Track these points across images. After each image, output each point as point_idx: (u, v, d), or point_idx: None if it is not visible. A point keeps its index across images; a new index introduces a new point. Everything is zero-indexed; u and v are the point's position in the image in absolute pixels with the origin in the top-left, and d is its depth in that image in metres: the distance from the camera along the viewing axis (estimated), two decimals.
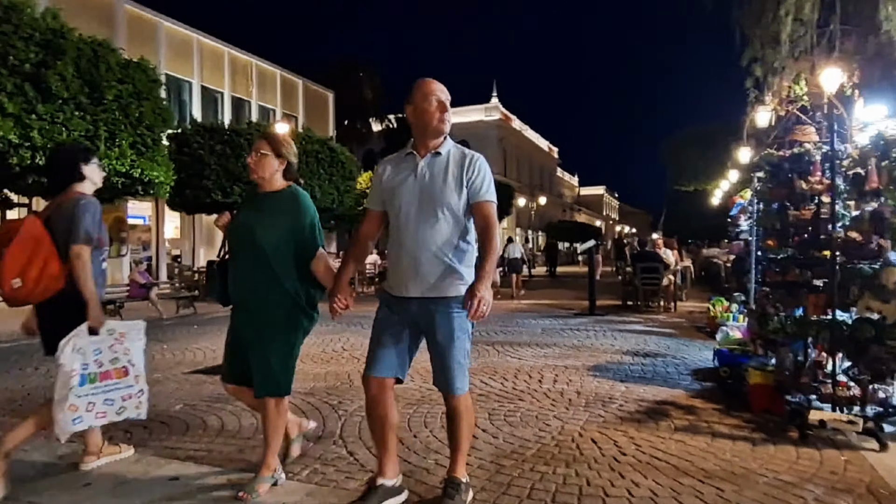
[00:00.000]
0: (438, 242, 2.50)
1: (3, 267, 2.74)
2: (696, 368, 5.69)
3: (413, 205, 2.53)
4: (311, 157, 11.81)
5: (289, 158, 2.91)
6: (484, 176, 2.57)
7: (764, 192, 4.47)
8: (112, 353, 2.98)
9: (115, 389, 2.98)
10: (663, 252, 11.72)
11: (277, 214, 2.80)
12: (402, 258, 2.56)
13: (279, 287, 2.77)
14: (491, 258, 2.48)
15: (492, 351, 6.76)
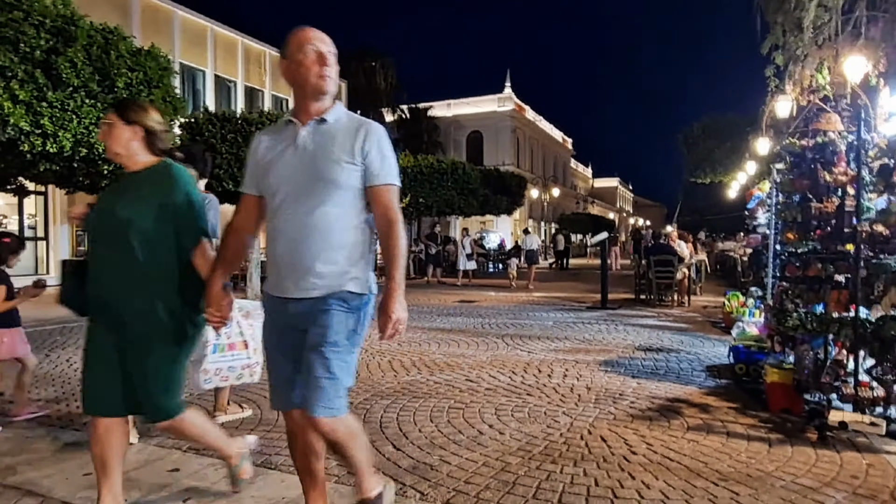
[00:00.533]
0: (323, 230, 1.99)
1: None
2: (711, 365, 5.55)
3: (291, 184, 2.02)
4: None
5: (146, 125, 2.34)
6: (382, 151, 2.05)
7: (785, 183, 4.30)
8: (238, 328, 3.51)
9: (237, 359, 3.54)
10: (677, 245, 11.50)
11: (145, 196, 2.26)
12: (280, 250, 2.05)
13: (152, 287, 2.24)
14: (398, 262, 2.01)
15: (501, 344, 6.66)
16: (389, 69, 34.21)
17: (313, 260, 2.00)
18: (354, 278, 2.05)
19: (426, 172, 19.85)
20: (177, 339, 2.32)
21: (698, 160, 22.33)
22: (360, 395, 4.44)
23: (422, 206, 20.05)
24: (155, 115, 2.43)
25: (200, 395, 4.26)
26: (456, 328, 7.95)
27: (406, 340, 6.91)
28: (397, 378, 5.00)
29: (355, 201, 2.05)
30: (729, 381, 4.89)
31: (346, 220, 2.03)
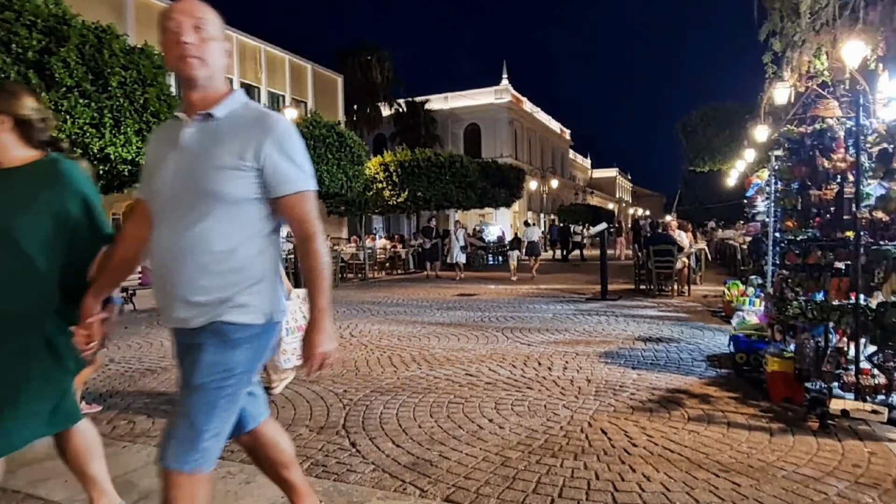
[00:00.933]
0: (198, 253, 1.65)
1: None
2: (711, 354, 5.54)
3: (168, 195, 1.70)
4: (319, 141, 11.67)
5: (14, 113, 2.00)
6: (287, 152, 1.69)
7: (783, 170, 4.27)
8: (301, 312, 4.10)
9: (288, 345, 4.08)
10: (677, 234, 11.46)
11: (24, 198, 1.96)
12: (154, 273, 1.75)
13: (38, 298, 1.98)
14: (320, 284, 1.69)
15: (501, 337, 6.65)
16: (386, 63, 34.09)
17: (184, 288, 1.67)
18: (239, 306, 1.68)
19: (424, 166, 19.80)
20: (63, 357, 2.04)
21: (697, 149, 22.28)
22: (359, 391, 4.43)
23: (420, 201, 20.02)
24: (28, 102, 2.05)
25: None
26: (455, 322, 7.94)
27: (406, 335, 6.90)
28: (397, 373, 4.98)
29: (249, 216, 1.70)
30: (729, 371, 4.87)
31: (233, 239, 1.67)
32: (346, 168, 12.30)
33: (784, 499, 2.53)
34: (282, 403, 4.13)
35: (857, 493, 2.58)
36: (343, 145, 12.30)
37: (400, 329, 7.40)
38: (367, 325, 7.85)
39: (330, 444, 3.28)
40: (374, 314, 8.91)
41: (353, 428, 3.56)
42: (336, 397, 4.26)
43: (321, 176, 11.66)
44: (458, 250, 15.55)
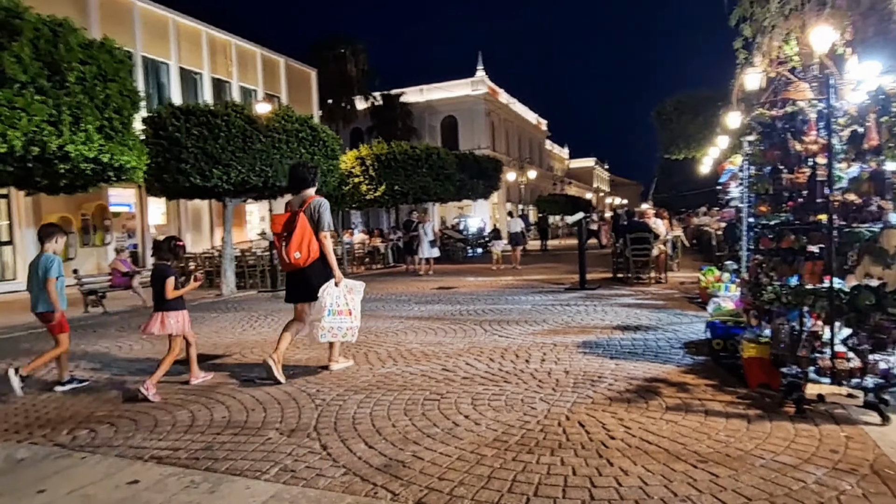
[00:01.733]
0: None
1: (291, 245, 4.50)
2: (689, 341, 5.53)
3: None
4: (292, 136, 11.42)
5: None
6: None
7: (756, 154, 4.24)
8: (344, 299, 4.74)
9: (343, 322, 4.73)
10: (653, 222, 11.50)
11: None
12: None
13: None
14: None
15: (479, 330, 6.57)
16: (360, 56, 33.70)
17: None
18: None
19: (400, 159, 19.60)
20: None
21: (672, 136, 22.43)
22: (333, 390, 4.31)
23: (397, 194, 19.82)
24: None
25: None
26: (433, 316, 7.84)
27: (383, 331, 6.78)
28: (373, 370, 4.87)
29: None
30: (707, 358, 4.86)
31: None
32: (320, 162, 12.06)
33: (762, 488, 2.48)
34: (252, 406, 3.99)
35: (835, 479, 2.55)
36: (317, 140, 12.06)
37: (377, 324, 7.27)
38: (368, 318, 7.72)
39: (300, 448, 3.16)
40: None
41: (324, 429, 3.44)
42: (308, 398, 4.14)
43: None
44: (426, 245, 14.70)
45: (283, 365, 4.75)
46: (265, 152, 11.05)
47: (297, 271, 4.63)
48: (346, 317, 4.72)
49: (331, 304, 4.62)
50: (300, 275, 4.64)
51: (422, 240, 14.75)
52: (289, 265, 4.60)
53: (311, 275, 4.62)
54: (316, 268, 4.62)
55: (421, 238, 14.77)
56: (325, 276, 4.67)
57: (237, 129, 10.83)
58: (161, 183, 11.23)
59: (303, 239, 4.50)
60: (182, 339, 4.64)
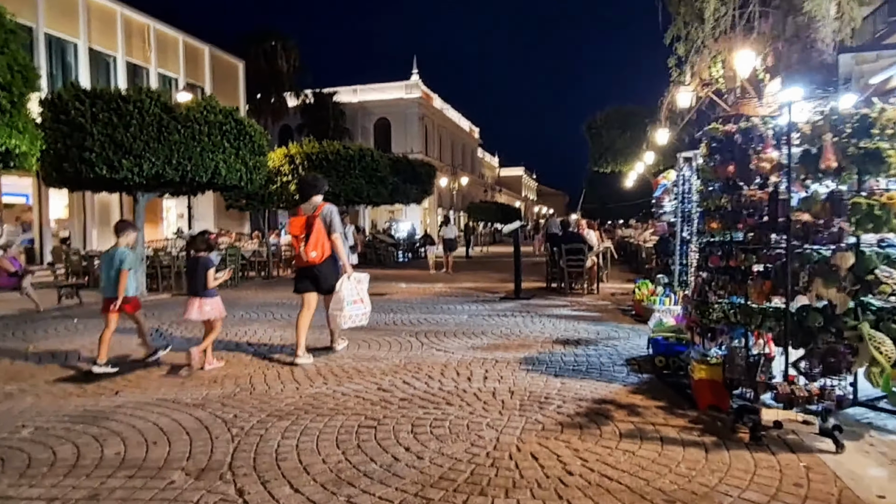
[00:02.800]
0: None
1: (308, 245, 5.17)
2: (630, 357, 5.41)
3: None
4: (215, 128, 10.58)
5: None
6: None
7: (705, 170, 4.15)
8: (357, 290, 5.37)
9: (358, 310, 5.35)
10: (586, 233, 11.59)
11: None
12: None
13: None
14: None
15: (415, 343, 6.20)
16: (292, 51, 32.51)
17: None
18: None
19: (332, 159, 18.95)
20: None
21: (601, 150, 23.05)
22: (253, 415, 3.81)
23: (329, 195, 19.11)
24: None
25: None
26: (365, 327, 7.39)
27: (310, 343, 6.26)
28: (299, 391, 4.39)
29: None
30: (651, 376, 4.73)
31: None
32: (245, 158, 11.29)
33: None
34: (154, 437, 3.42)
35: None
36: (242, 133, 11.27)
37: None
38: (268, 330, 7.12)
39: (210, 494, 2.67)
40: (276, 317, 8.16)
41: (241, 468, 2.95)
42: (224, 426, 3.61)
43: (216, 166, 10.61)
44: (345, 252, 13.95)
45: (196, 382, 4.17)
46: (183, 144, 10.16)
47: (312, 267, 5.34)
48: (360, 305, 5.41)
49: (348, 295, 5.29)
50: (314, 270, 5.37)
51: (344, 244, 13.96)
52: (305, 262, 5.32)
53: (324, 271, 5.38)
54: (328, 264, 5.39)
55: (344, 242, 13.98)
56: (335, 271, 5.42)
57: (152, 117, 9.90)
58: (61, 173, 10.09)
59: (318, 240, 5.26)
60: (221, 321, 5.36)
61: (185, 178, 10.49)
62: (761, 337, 4.21)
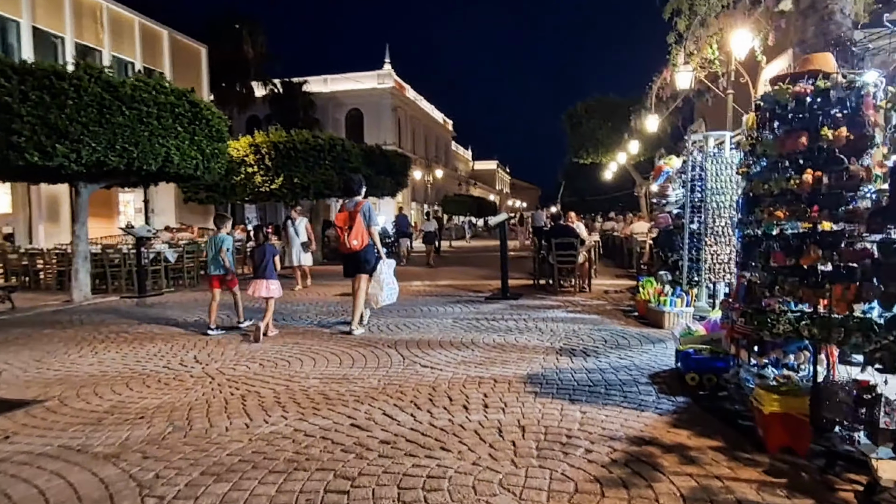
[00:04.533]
0: None
1: (351, 235, 6.20)
2: (653, 373, 4.56)
3: None
4: (166, 110, 9.40)
5: None
6: None
7: (767, 143, 3.31)
8: (389, 273, 6.57)
9: (393, 289, 6.61)
10: (576, 226, 10.78)
11: None
12: None
13: None
14: None
15: (395, 356, 5.25)
16: (259, 37, 30.97)
17: None
18: None
19: (301, 149, 17.73)
20: None
21: (582, 140, 22.32)
22: (183, 471, 2.82)
23: (297, 188, 17.94)
24: None
25: None
26: (336, 336, 6.42)
27: (270, 357, 5.28)
28: (249, 430, 3.41)
29: None
30: (686, 399, 3.89)
31: None
32: (201, 144, 10.14)
33: None
34: None
35: None
36: (199, 117, 10.11)
37: (263, 347, 5.75)
38: (220, 348, 6.08)
39: None
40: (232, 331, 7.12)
41: None
42: (137, 491, 2.62)
43: (168, 153, 9.45)
44: (297, 249, 11.12)
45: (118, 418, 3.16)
46: (129, 127, 8.98)
47: (354, 254, 6.33)
48: (393, 285, 6.60)
49: (386, 277, 6.45)
50: (356, 256, 6.34)
51: (291, 241, 11.18)
52: (349, 249, 6.29)
53: (364, 256, 6.36)
54: (367, 251, 6.38)
55: (290, 239, 11.19)
56: (372, 256, 6.42)
57: (91, 96, 8.69)
58: None
59: (360, 231, 6.24)
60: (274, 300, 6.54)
61: (132, 167, 9.31)
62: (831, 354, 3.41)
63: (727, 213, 6.38)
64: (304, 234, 11.34)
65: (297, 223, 11.42)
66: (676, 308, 6.35)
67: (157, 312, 8.35)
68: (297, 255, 11.22)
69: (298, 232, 11.28)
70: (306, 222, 11.71)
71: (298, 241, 11.19)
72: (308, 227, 11.59)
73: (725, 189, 6.34)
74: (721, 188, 6.34)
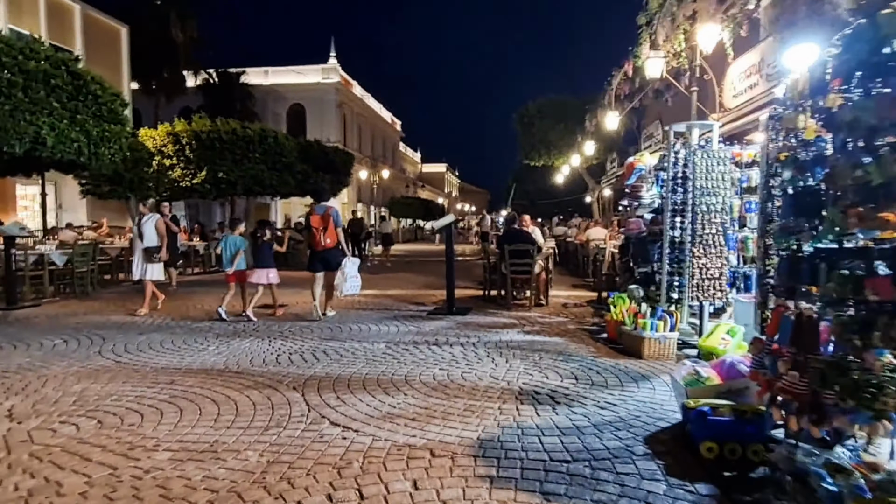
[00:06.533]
0: None
1: (326, 234, 7.19)
2: (650, 434, 3.32)
3: None
4: (37, 81, 7.59)
5: None
6: None
7: (864, 107, 2.12)
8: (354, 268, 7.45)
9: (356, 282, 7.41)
10: (532, 231, 9.58)
11: None
12: None
13: None
14: None
15: (298, 406, 3.82)
16: (189, 21, 28.56)
17: None
18: None
19: (227, 140, 15.91)
20: None
21: (533, 141, 21.38)
22: None
23: (223, 183, 16.09)
24: None
25: None
26: (216, 367, 4.91)
27: (121, 406, 3.74)
28: None
29: None
30: (709, 487, 2.65)
31: None
32: (87, 125, 8.34)
33: None
34: None
35: None
36: (82, 93, 8.32)
37: (121, 389, 4.19)
38: (79, 378, 4.46)
39: None
40: (106, 350, 5.47)
41: None
42: None
43: (38, 133, 7.61)
44: (138, 255, 8.22)
45: None
46: None
47: (325, 251, 7.33)
48: (356, 278, 7.44)
49: (350, 271, 7.35)
50: (326, 253, 7.35)
51: (135, 246, 8.59)
52: (322, 247, 7.29)
53: (333, 253, 7.40)
54: (336, 249, 7.43)
55: (134, 244, 8.69)
56: (339, 254, 7.46)
57: None
58: None
59: (331, 231, 7.30)
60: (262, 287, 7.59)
61: None
62: None
63: (719, 219, 5.27)
64: (154, 236, 8.13)
65: (143, 222, 8.24)
66: (658, 333, 5.19)
67: (14, 332, 6.55)
68: (140, 266, 8.13)
69: (144, 234, 8.14)
70: (158, 220, 8.26)
71: (141, 245, 8.16)
72: (161, 227, 8.20)
73: (718, 189, 5.23)
74: (713, 188, 5.22)
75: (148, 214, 8.39)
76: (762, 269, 3.52)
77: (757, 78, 9.35)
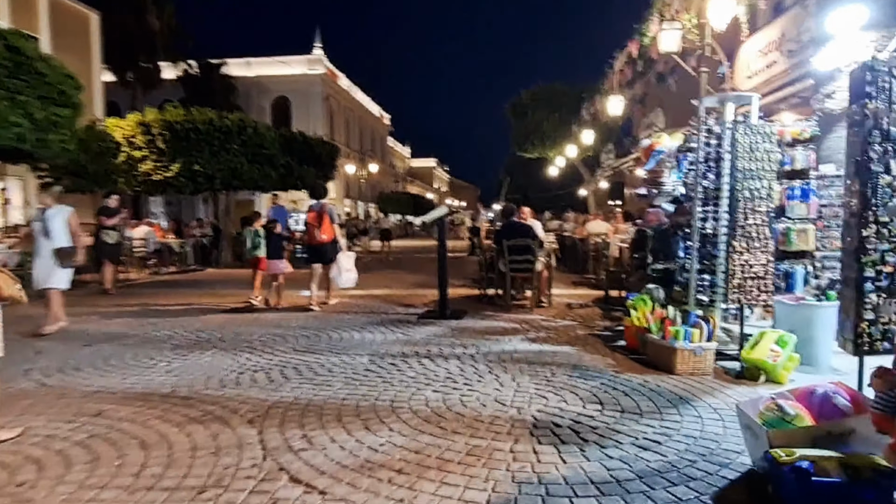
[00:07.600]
0: None
1: (321, 230, 7.58)
2: (718, 493, 2.48)
3: None
4: None
5: None
6: None
7: None
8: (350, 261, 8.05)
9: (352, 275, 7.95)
10: (532, 224, 8.74)
11: None
12: None
13: None
14: None
15: (251, 450, 2.94)
16: (167, 7, 27.32)
17: None
18: None
19: (203, 131, 14.90)
20: None
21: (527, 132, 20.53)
22: None
23: (199, 176, 15.08)
24: None
25: None
26: (161, 391, 4.02)
27: (30, 458, 2.84)
28: None
29: None
30: None
31: None
32: (31, 107, 7.38)
33: None
34: None
35: None
36: (26, 69, 7.35)
37: (34, 426, 3.29)
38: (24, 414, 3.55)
39: None
40: (36, 369, 4.55)
41: None
42: None
43: None
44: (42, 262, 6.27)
45: None
46: None
47: (321, 245, 7.68)
48: (352, 272, 7.94)
49: (345, 264, 7.85)
50: (322, 247, 7.70)
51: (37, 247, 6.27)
52: (318, 241, 7.65)
53: (329, 247, 7.74)
54: (332, 244, 7.77)
55: (37, 244, 6.27)
56: (334, 248, 7.80)
57: None
58: None
59: (327, 227, 7.64)
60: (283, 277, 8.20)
61: None
62: None
63: (764, 207, 4.44)
64: (63, 233, 6.27)
65: (47, 217, 6.25)
66: (693, 343, 4.36)
67: None
68: (43, 272, 6.23)
69: (50, 231, 6.20)
70: (70, 214, 6.42)
71: (49, 245, 6.18)
72: (74, 223, 6.40)
73: (763, 171, 4.39)
74: (757, 170, 4.39)
75: (54, 206, 6.33)
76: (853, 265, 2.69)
77: (777, 55, 8.55)
